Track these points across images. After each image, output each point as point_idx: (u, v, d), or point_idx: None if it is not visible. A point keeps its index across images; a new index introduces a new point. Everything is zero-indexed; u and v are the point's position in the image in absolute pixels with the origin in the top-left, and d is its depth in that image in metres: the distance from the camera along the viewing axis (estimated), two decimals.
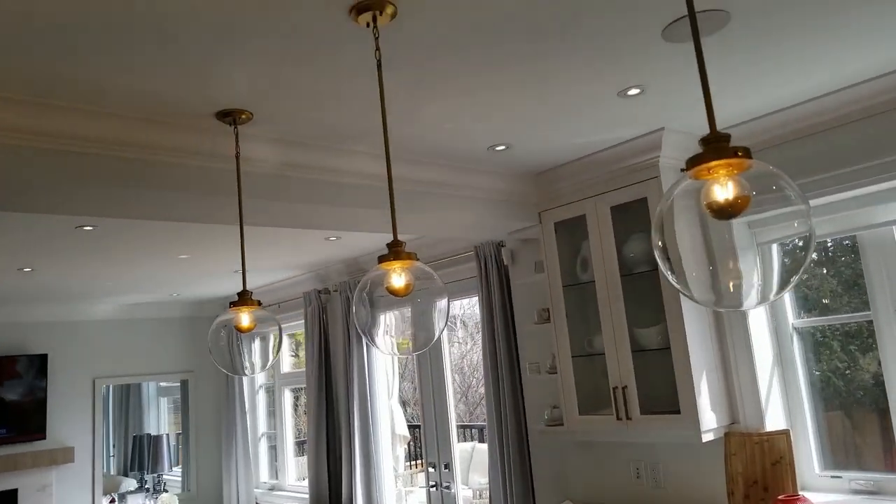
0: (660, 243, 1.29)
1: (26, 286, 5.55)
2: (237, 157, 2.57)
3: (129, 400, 7.86)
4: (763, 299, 1.26)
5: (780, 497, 2.96)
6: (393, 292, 1.87)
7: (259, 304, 2.49)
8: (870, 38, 2.50)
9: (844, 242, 3.39)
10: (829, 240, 3.45)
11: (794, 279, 1.26)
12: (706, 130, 1.27)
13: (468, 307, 10.67)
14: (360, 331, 1.93)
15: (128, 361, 7.29)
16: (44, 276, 5.20)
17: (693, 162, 1.24)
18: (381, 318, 1.95)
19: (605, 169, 3.56)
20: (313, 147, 2.96)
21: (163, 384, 7.95)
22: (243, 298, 2.44)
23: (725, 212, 1.23)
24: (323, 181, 3.05)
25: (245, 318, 2.46)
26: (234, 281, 6.23)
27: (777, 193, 1.25)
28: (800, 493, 3.07)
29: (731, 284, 1.29)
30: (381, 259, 1.84)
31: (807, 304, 3.46)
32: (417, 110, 2.71)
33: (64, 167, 2.39)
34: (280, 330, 2.60)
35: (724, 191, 1.22)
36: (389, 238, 1.90)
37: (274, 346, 2.65)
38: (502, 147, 3.31)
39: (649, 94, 2.79)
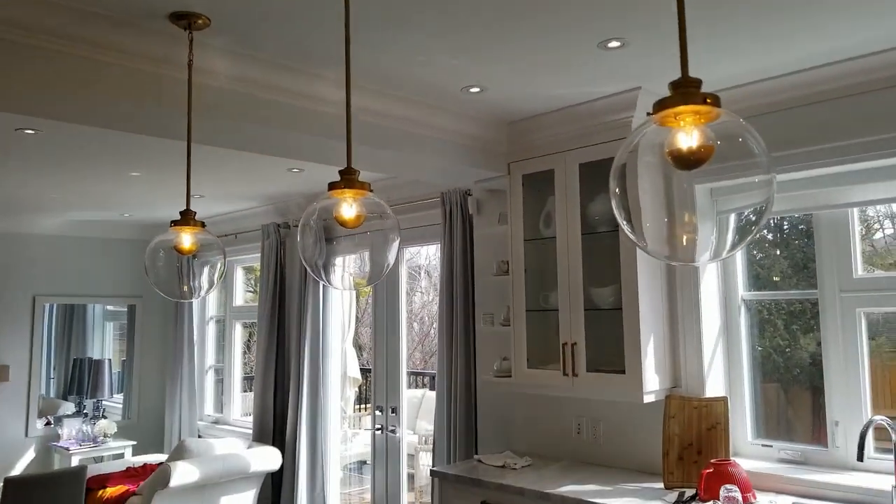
0: (616, 190, 1.23)
1: None
2: (189, 65, 2.41)
3: (72, 321, 7.62)
4: (716, 255, 1.22)
5: (712, 461, 3.01)
6: (342, 223, 1.78)
7: (203, 225, 2.38)
8: (850, 16, 2.45)
9: (800, 227, 3.42)
10: (785, 222, 3.47)
11: (750, 237, 1.21)
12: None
13: (433, 258, 10.66)
14: (304, 262, 1.85)
15: (72, 281, 7.07)
16: None
17: (659, 106, 1.17)
18: (327, 250, 1.87)
19: (578, 124, 3.49)
20: (276, 66, 2.80)
21: (109, 308, 7.75)
22: (186, 218, 2.33)
23: (687, 161, 1.17)
24: (284, 104, 2.91)
25: (187, 238, 2.35)
26: (194, 204, 5.99)
27: (742, 147, 1.19)
28: (731, 458, 3.13)
29: (685, 238, 1.24)
30: (332, 186, 1.75)
31: (758, 282, 3.50)
32: (391, 39, 2.59)
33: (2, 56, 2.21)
34: (224, 256, 2.50)
35: (688, 139, 1.16)
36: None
37: (218, 273, 2.56)
38: (476, 89, 3.21)
39: (630, 48, 2.71)
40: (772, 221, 3.55)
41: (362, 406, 8.09)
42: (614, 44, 2.66)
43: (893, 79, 2.80)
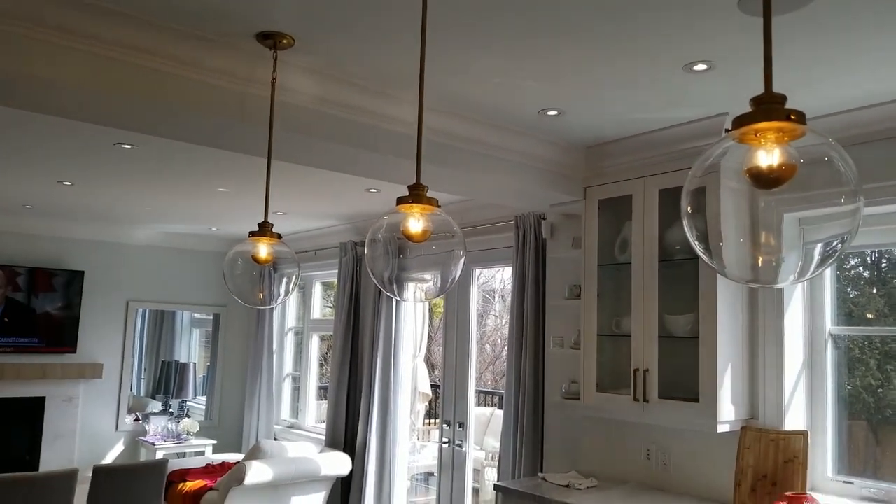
0: (689, 209, 1.19)
1: (67, 201, 5.65)
2: (273, 82, 2.50)
3: (162, 326, 8.03)
4: (800, 276, 1.15)
5: (787, 493, 2.86)
6: (409, 237, 1.80)
7: (279, 237, 2.45)
8: None
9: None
10: (883, 260, 3.28)
11: (832, 260, 1.14)
12: None
13: (507, 282, 10.63)
14: (371, 275, 1.87)
15: (163, 289, 7.44)
16: (84, 192, 5.29)
17: (740, 122, 1.12)
18: (396, 264, 1.89)
19: (659, 150, 3.42)
20: (355, 86, 2.88)
21: (196, 316, 8.11)
22: (263, 230, 2.41)
23: (767, 180, 1.12)
24: (362, 123, 2.97)
25: (263, 249, 2.43)
26: (277, 221, 6.21)
27: (828, 167, 1.13)
28: (808, 492, 2.96)
29: (768, 259, 1.18)
30: (400, 201, 1.77)
31: (850, 320, 3.33)
32: (468, 62, 2.61)
33: (95, 72, 2.35)
34: (298, 266, 2.56)
35: (768, 157, 1.11)
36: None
37: (293, 283, 2.63)
38: (554, 112, 3.19)
39: (717, 71, 2.63)
40: (868, 259, 3.36)
41: (432, 420, 8.10)
42: (700, 66, 2.59)
43: None
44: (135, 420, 7.26)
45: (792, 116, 1.09)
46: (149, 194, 5.31)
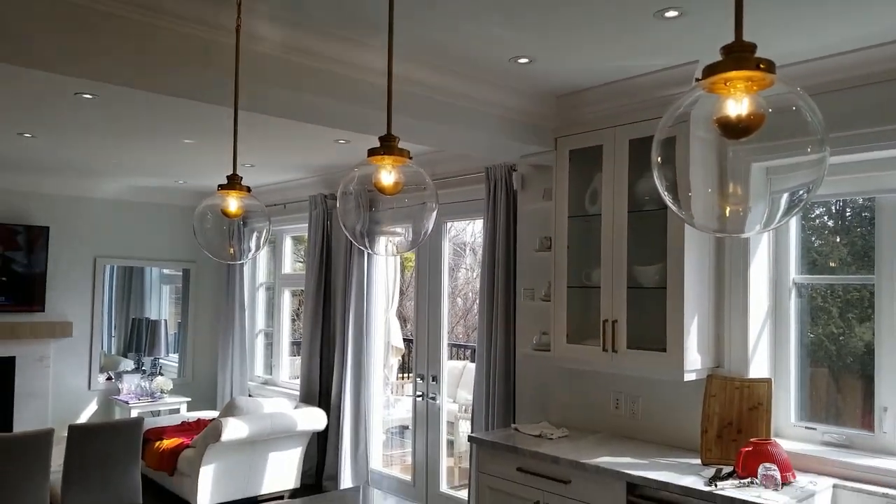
0: (659, 159, 1.20)
1: (28, 154, 5.48)
2: (237, 29, 2.43)
3: (131, 283, 7.92)
4: (766, 225, 1.17)
5: (752, 440, 2.97)
6: (381, 190, 1.79)
7: (248, 190, 2.41)
8: None
9: (863, 214, 3.28)
10: (847, 209, 3.34)
11: (798, 209, 1.16)
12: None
13: (478, 235, 10.65)
14: (344, 228, 1.86)
15: (131, 244, 7.31)
16: (46, 145, 5.13)
17: (710, 70, 1.12)
18: (368, 217, 1.88)
19: (629, 99, 3.41)
20: (323, 33, 2.80)
21: (166, 272, 8.01)
22: (232, 183, 2.37)
23: (736, 129, 1.13)
24: (330, 72, 2.91)
25: (233, 202, 2.39)
26: (245, 173, 6.05)
27: (795, 117, 1.14)
28: (772, 438, 3.07)
29: (733, 210, 1.20)
30: (371, 153, 1.75)
31: (814, 268, 3.41)
32: (438, 6, 2.55)
33: (51, 17, 2.26)
34: (269, 221, 2.54)
35: (738, 106, 1.11)
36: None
37: (264, 237, 2.60)
38: (525, 60, 3.15)
39: (688, 17, 2.60)
40: (833, 207, 3.42)
41: (405, 374, 8.19)
42: (672, 13, 2.56)
43: None
44: (107, 379, 7.21)
45: (761, 66, 1.09)
46: (113, 147, 5.18)
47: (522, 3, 2.53)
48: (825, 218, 3.50)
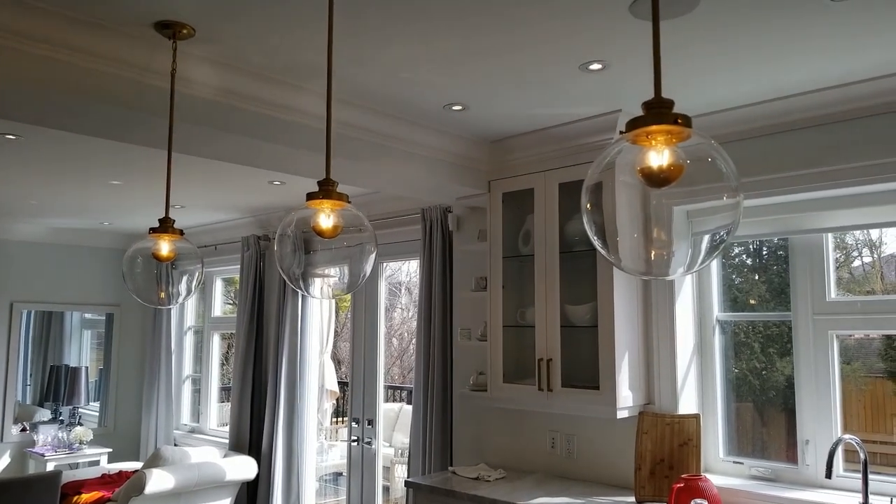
0: (588, 206, 1.26)
1: None
2: (173, 73, 2.42)
3: (50, 328, 7.54)
4: (689, 268, 1.25)
5: (683, 476, 3.04)
6: (319, 233, 1.80)
7: (181, 233, 2.38)
8: (826, 48, 2.53)
9: (778, 252, 3.48)
10: (764, 248, 3.54)
11: (718, 252, 1.25)
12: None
13: (414, 275, 10.69)
14: (281, 271, 1.86)
15: (51, 288, 7.00)
16: None
17: (633, 124, 1.20)
18: (305, 260, 1.89)
19: (558, 145, 3.54)
20: (259, 77, 2.82)
21: (87, 316, 7.68)
22: (164, 226, 2.33)
23: (658, 179, 1.21)
24: (267, 116, 2.92)
25: (165, 246, 2.35)
26: (175, 214, 5.99)
27: (711, 167, 1.23)
28: (702, 474, 3.16)
29: (658, 253, 1.27)
30: (310, 197, 1.77)
31: (735, 306, 3.56)
32: (375, 53, 2.61)
33: None
34: (202, 264, 2.50)
35: (659, 157, 1.20)
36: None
37: (196, 281, 2.56)
38: (458, 107, 3.25)
39: (611, 70, 2.76)
40: (751, 247, 3.61)
41: (339, 419, 8.06)
42: (595, 66, 2.71)
43: (869, 109, 2.87)
44: (21, 430, 6.80)
45: (679, 120, 1.18)
46: (34, 187, 4.99)
47: (455, 54, 2.62)
48: (744, 257, 3.68)
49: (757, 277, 3.59)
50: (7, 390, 6.65)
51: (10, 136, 3.69)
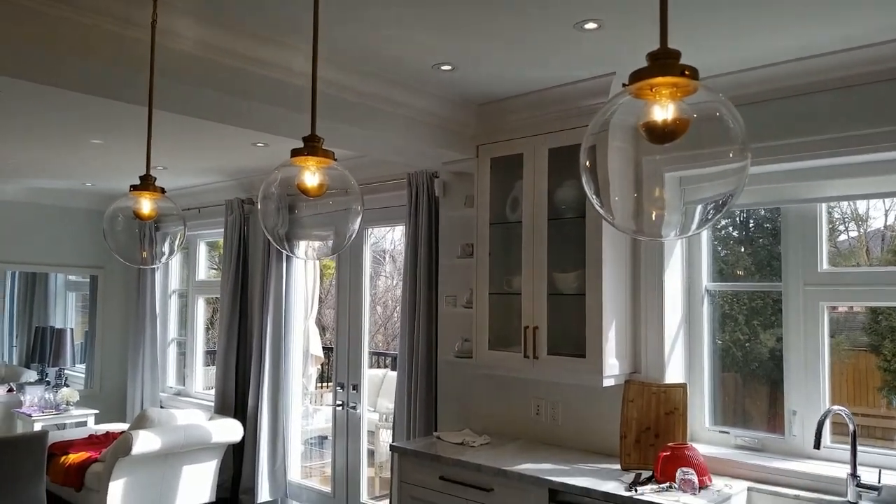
0: (587, 163, 1.21)
1: None
2: (153, 25, 2.32)
3: (34, 290, 7.46)
4: (683, 231, 1.20)
5: (669, 444, 3.05)
6: (304, 191, 1.74)
7: (163, 191, 2.30)
8: (826, 12, 2.46)
9: (765, 225, 3.46)
10: (750, 220, 3.51)
11: (715, 219, 1.20)
12: None
13: (398, 243, 10.63)
14: (265, 231, 1.80)
15: (34, 249, 6.89)
16: None
17: (636, 76, 1.14)
18: (290, 220, 1.82)
19: (549, 108, 3.47)
20: (243, 32, 2.72)
21: (72, 278, 7.59)
22: (145, 183, 2.26)
23: (662, 134, 1.15)
24: (250, 72, 2.82)
25: (146, 204, 2.28)
26: (157, 176, 5.87)
27: (718, 124, 1.17)
28: (689, 442, 3.17)
29: (653, 214, 1.22)
30: (295, 153, 1.70)
31: (721, 277, 3.55)
32: (360, 9, 2.52)
33: None
34: (184, 223, 2.43)
35: (663, 111, 1.13)
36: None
37: (178, 240, 2.49)
38: (447, 67, 3.15)
39: (607, 30, 2.66)
40: (737, 219, 3.58)
41: (324, 384, 8.05)
42: (591, 25, 2.61)
43: (867, 76, 2.80)
44: (8, 391, 6.75)
45: (686, 72, 1.11)
46: (14, 146, 4.86)
47: (445, 12, 2.53)
48: (730, 229, 3.65)
49: (743, 249, 3.57)
50: None
51: None
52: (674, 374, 3.43)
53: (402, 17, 2.60)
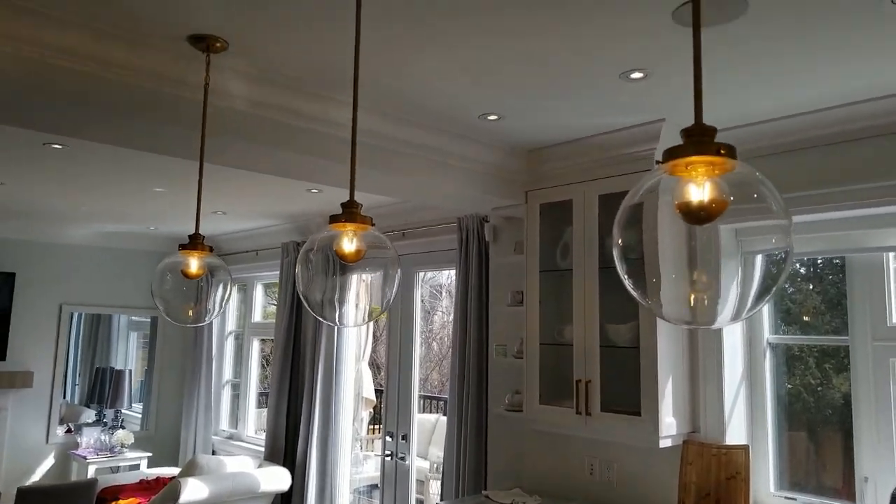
0: (619, 241, 1.15)
1: None
2: (206, 86, 2.39)
3: (98, 330, 7.72)
4: (736, 316, 1.12)
5: None
6: (342, 257, 1.72)
7: (210, 249, 2.34)
8: (885, 52, 2.35)
9: (834, 261, 3.27)
10: (819, 257, 3.33)
11: (768, 297, 1.12)
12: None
13: (455, 278, 10.56)
14: (299, 292, 1.79)
15: (99, 291, 7.15)
16: (15, 192, 5.04)
17: (671, 154, 1.08)
18: (329, 283, 1.81)
19: (598, 155, 3.41)
20: (290, 88, 2.77)
21: (134, 318, 7.83)
22: (194, 242, 2.30)
23: (697, 215, 1.08)
24: (298, 126, 2.87)
25: (194, 263, 2.31)
26: (216, 221, 6.07)
27: (758, 203, 1.10)
28: None
29: (697, 297, 1.15)
30: (333, 219, 1.69)
31: (788, 317, 3.36)
32: (408, 62, 2.53)
33: (20, 74, 2.20)
34: (231, 281, 2.45)
35: (699, 191, 1.07)
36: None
37: (225, 298, 2.52)
38: (494, 117, 3.14)
39: (654, 79, 2.62)
40: (805, 256, 3.41)
41: (376, 427, 8.00)
42: (637, 74, 2.58)
43: None
44: (67, 431, 6.95)
45: (722, 151, 1.05)
46: (83, 194, 5.09)
47: (489, 64, 2.53)
48: (797, 265, 3.47)
49: (811, 287, 3.38)
50: (54, 392, 6.81)
51: (57, 146, 3.77)
52: (735, 433, 3.24)
53: (448, 71, 2.60)
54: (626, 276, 1.17)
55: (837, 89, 2.69)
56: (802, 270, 3.46)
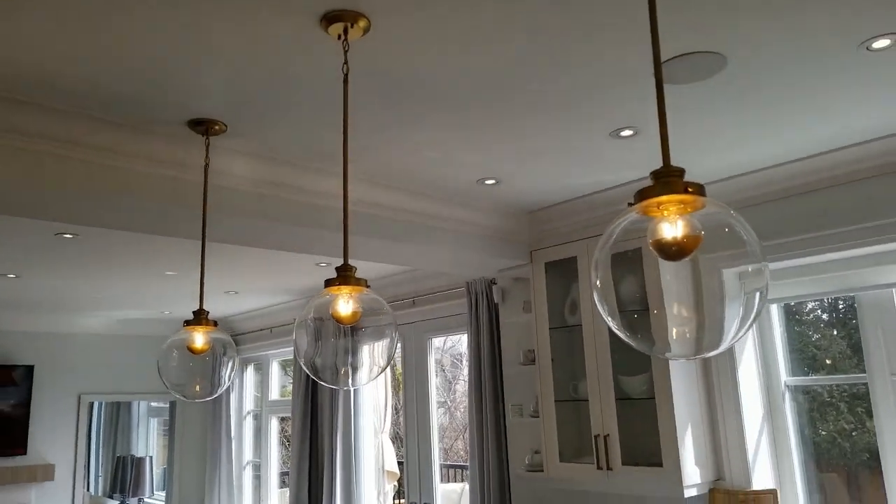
0: (598, 283, 1.17)
1: (12, 293, 5.48)
2: (206, 168, 2.48)
3: (118, 418, 7.71)
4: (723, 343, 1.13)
5: None
6: (339, 320, 1.75)
7: (215, 324, 2.37)
8: (864, 100, 2.39)
9: (855, 306, 3.24)
10: (840, 302, 3.30)
11: (749, 323, 1.12)
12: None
13: None
14: (297, 357, 1.81)
15: (116, 378, 7.17)
16: (29, 284, 5.14)
17: (641, 196, 1.12)
18: (323, 347, 1.83)
19: (598, 211, 3.46)
20: (288, 165, 2.87)
21: (153, 404, 7.82)
22: (198, 318, 2.33)
23: (672, 251, 1.11)
24: (298, 201, 2.95)
25: (199, 338, 2.34)
26: (229, 301, 6.14)
27: (731, 235, 1.12)
28: None
29: (677, 330, 1.16)
30: (329, 283, 1.73)
31: (814, 364, 3.30)
32: (402, 135, 2.62)
33: (23, 166, 2.30)
34: (236, 354, 2.48)
35: (672, 229, 1.10)
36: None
37: (230, 372, 2.53)
38: (492, 181, 3.21)
39: (644, 136, 2.68)
40: (825, 301, 3.38)
41: (402, 501, 7.82)
42: (627, 132, 2.64)
43: None
44: None
45: (689, 189, 1.08)
46: (96, 281, 5.18)
47: (482, 132, 2.60)
48: (819, 312, 3.44)
49: (835, 332, 3.33)
50: (76, 484, 6.74)
51: (68, 235, 3.85)
52: (762, 478, 3.16)
53: (442, 140, 2.68)
54: (609, 318, 1.18)
55: (818, 137, 2.74)
56: (825, 317, 3.43)
